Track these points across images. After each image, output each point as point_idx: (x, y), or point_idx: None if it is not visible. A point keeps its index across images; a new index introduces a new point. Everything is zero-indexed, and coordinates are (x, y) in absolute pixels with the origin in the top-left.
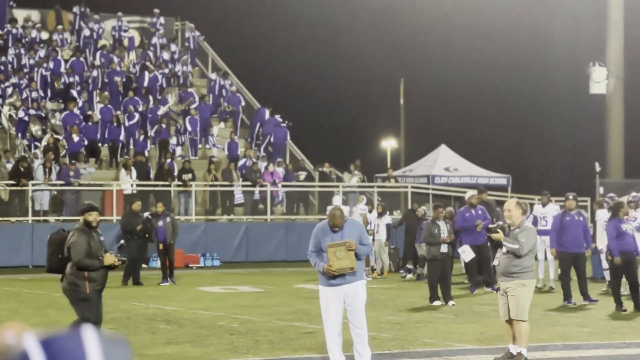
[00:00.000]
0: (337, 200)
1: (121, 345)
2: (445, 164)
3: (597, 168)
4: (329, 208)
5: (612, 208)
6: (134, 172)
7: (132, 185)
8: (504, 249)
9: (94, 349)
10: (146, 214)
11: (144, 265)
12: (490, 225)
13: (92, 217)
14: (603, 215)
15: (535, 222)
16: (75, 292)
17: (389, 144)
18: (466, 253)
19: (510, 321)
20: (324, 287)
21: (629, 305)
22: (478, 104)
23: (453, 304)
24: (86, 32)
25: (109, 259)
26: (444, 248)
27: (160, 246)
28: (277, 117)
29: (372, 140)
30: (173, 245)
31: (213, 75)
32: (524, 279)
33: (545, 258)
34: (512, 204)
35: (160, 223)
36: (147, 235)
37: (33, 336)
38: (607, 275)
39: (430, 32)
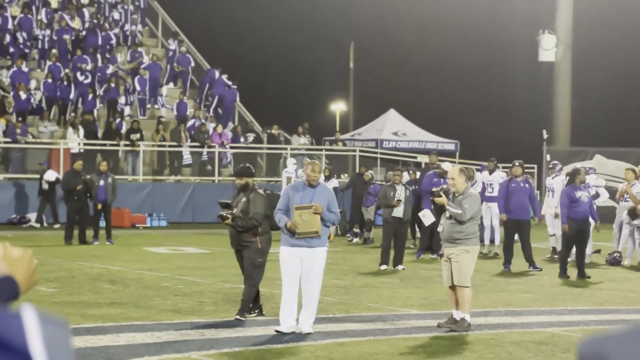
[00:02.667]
0: (290, 163)
1: (62, 325)
2: (393, 129)
3: (545, 135)
4: (308, 161)
5: (569, 175)
6: (81, 131)
7: (79, 144)
8: (447, 214)
9: (34, 328)
10: (90, 176)
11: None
12: (434, 189)
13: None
14: (548, 182)
15: (483, 189)
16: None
17: (337, 107)
18: (426, 217)
19: (453, 287)
20: (285, 247)
21: (572, 272)
22: (428, 69)
23: (403, 269)
24: None
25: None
26: (396, 212)
27: (99, 206)
28: (225, 77)
29: (321, 104)
30: (110, 206)
31: (172, 45)
32: (467, 245)
33: (491, 224)
34: (456, 172)
35: (102, 182)
36: (88, 195)
37: None
38: (552, 241)
39: None
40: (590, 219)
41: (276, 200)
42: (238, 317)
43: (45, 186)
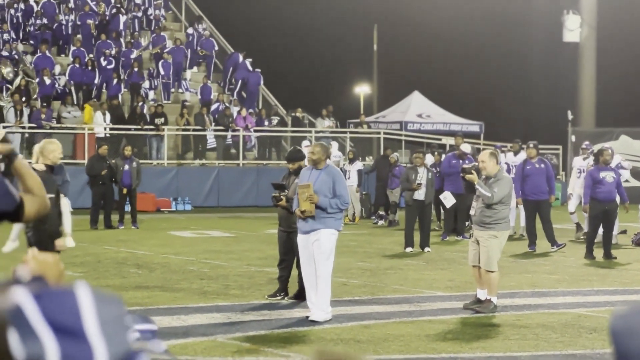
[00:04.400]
0: (304, 145)
1: (116, 303)
2: (418, 111)
3: (570, 116)
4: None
5: (595, 155)
6: (108, 116)
7: (105, 128)
8: (477, 192)
9: (88, 305)
10: (114, 160)
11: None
12: (465, 166)
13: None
14: (578, 162)
15: (507, 171)
16: None
17: (362, 89)
18: (447, 199)
19: (477, 267)
20: (299, 234)
21: (599, 253)
22: (452, 50)
23: (428, 251)
24: None
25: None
26: (418, 195)
27: (125, 190)
28: (248, 61)
29: (346, 86)
30: (135, 190)
31: (190, 30)
32: (496, 230)
33: (517, 206)
34: (486, 155)
35: (127, 167)
36: (113, 180)
37: (25, 290)
38: (573, 218)
39: None
40: (618, 199)
41: None
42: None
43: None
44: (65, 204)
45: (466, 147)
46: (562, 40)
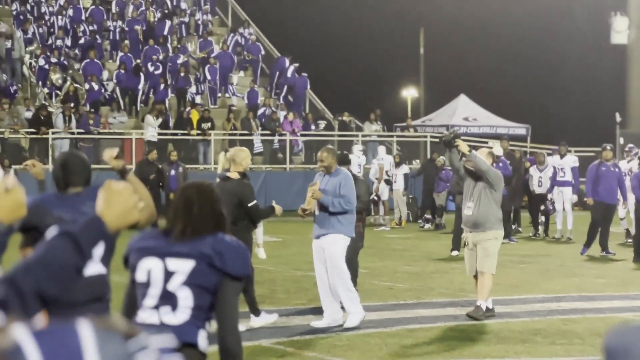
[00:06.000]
0: (356, 149)
1: (119, 341)
2: (464, 114)
3: (618, 118)
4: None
5: None
6: (159, 120)
7: (155, 131)
8: (469, 160)
9: (90, 344)
10: (161, 165)
11: None
12: (444, 134)
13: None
14: (622, 165)
15: (554, 173)
16: None
17: (409, 93)
18: None
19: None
20: (313, 239)
21: None
22: (498, 53)
23: None
24: None
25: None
26: None
27: (171, 195)
28: (294, 66)
29: (392, 90)
30: None
31: (230, 38)
32: (495, 231)
33: (564, 209)
34: (484, 153)
35: (173, 172)
36: (161, 185)
37: (24, 328)
38: (623, 224)
39: None
40: None
41: (363, 185)
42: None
43: None
44: None
45: (498, 150)
46: (610, 42)
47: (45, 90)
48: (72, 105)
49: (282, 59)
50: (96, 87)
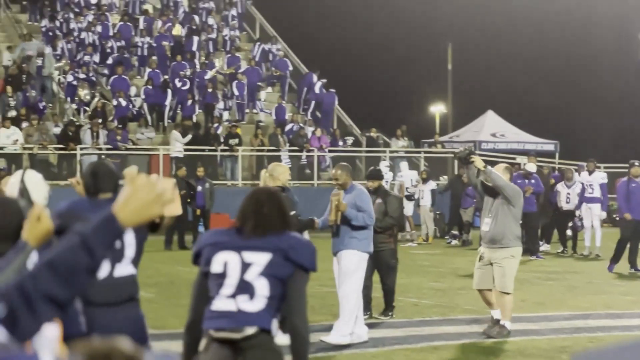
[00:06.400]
0: (382, 165)
1: None
2: (492, 130)
3: None
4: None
5: None
6: (188, 137)
7: (181, 147)
8: (485, 177)
9: None
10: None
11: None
12: (459, 150)
13: None
14: None
15: (582, 189)
16: None
17: (437, 109)
18: None
19: (486, 290)
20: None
21: None
22: (526, 69)
23: None
24: None
25: None
26: None
27: (198, 211)
28: (322, 82)
29: (420, 106)
30: (209, 211)
31: (257, 47)
32: (512, 248)
33: (592, 225)
34: (500, 169)
35: (200, 188)
36: (189, 201)
37: None
38: None
39: None
40: None
41: (395, 201)
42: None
43: None
44: None
45: (531, 167)
46: (639, 58)
47: (74, 106)
48: (99, 121)
49: (310, 74)
50: (124, 103)
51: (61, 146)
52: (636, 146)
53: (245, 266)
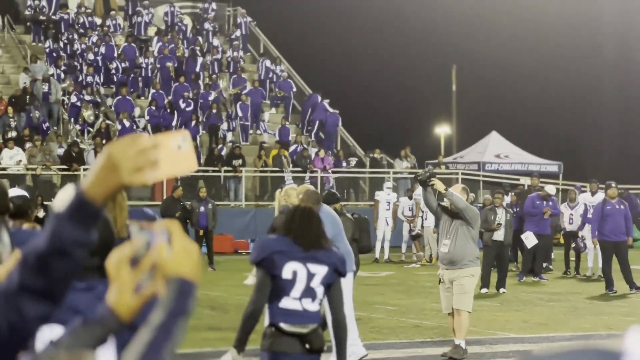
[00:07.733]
0: (387, 185)
1: None
2: (496, 151)
3: None
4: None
5: None
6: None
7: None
8: (446, 200)
9: None
10: (191, 202)
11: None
12: (421, 172)
13: None
14: None
15: (585, 210)
16: None
17: (442, 130)
18: (529, 239)
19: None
20: None
21: None
22: (529, 90)
23: (504, 292)
24: (138, 18)
25: None
26: (497, 235)
27: (201, 232)
28: (326, 102)
29: (424, 127)
30: (212, 232)
31: (260, 63)
32: (472, 268)
33: (595, 246)
34: (458, 190)
35: (202, 209)
36: (187, 221)
37: None
38: None
39: (482, 18)
40: None
41: (365, 224)
42: None
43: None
44: None
45: (551, 189)
46: None
47: (77, 127)
48: (103, 141)
49: (314, 95)
50: (128, 124)
51: (64, 167)
52: (639, 167)
53: (310, 275)
